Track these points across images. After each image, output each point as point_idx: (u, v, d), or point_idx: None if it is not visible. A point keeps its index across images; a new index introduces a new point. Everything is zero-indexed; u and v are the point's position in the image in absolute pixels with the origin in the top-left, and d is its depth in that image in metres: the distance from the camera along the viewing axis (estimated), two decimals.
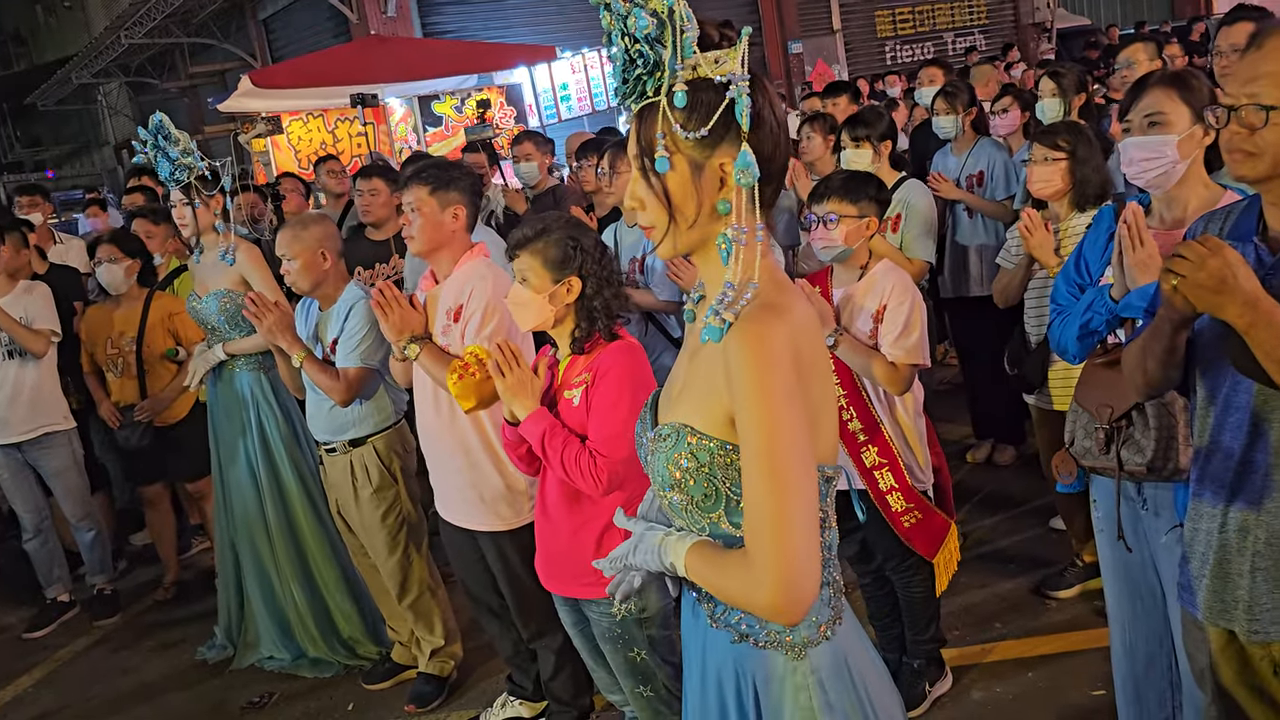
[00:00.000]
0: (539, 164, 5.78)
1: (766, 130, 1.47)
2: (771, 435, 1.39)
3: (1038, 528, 4.45)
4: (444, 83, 11.62)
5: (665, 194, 1.50)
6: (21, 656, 4.77)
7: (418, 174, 3.16)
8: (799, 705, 1.55)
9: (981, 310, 4.84)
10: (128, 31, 16.19)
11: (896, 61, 17.81)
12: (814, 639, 1.56)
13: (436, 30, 13.68)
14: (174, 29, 16.71)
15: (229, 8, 16.35)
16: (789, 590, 1.38)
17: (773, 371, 1.40)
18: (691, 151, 1.48)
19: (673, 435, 1.55)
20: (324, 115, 11.10)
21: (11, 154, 34.88)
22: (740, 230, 1.45)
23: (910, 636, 3.32)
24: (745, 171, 1.42)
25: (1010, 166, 4.88)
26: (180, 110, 19.65)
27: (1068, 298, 2.55)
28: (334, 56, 11.92)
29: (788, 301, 1.48)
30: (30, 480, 4.90)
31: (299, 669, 4.19)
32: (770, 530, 1.39)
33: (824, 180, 3.24)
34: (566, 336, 2.61)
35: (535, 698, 3.54)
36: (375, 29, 12.90)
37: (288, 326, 3.51)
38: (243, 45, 16.88)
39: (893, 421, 3.13)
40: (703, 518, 1.56)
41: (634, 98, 1.50)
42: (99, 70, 19.80)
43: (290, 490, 4.15)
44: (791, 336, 1.43)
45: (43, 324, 4.70)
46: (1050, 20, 18.89)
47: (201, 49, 18.06)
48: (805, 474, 1.41)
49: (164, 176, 3.98)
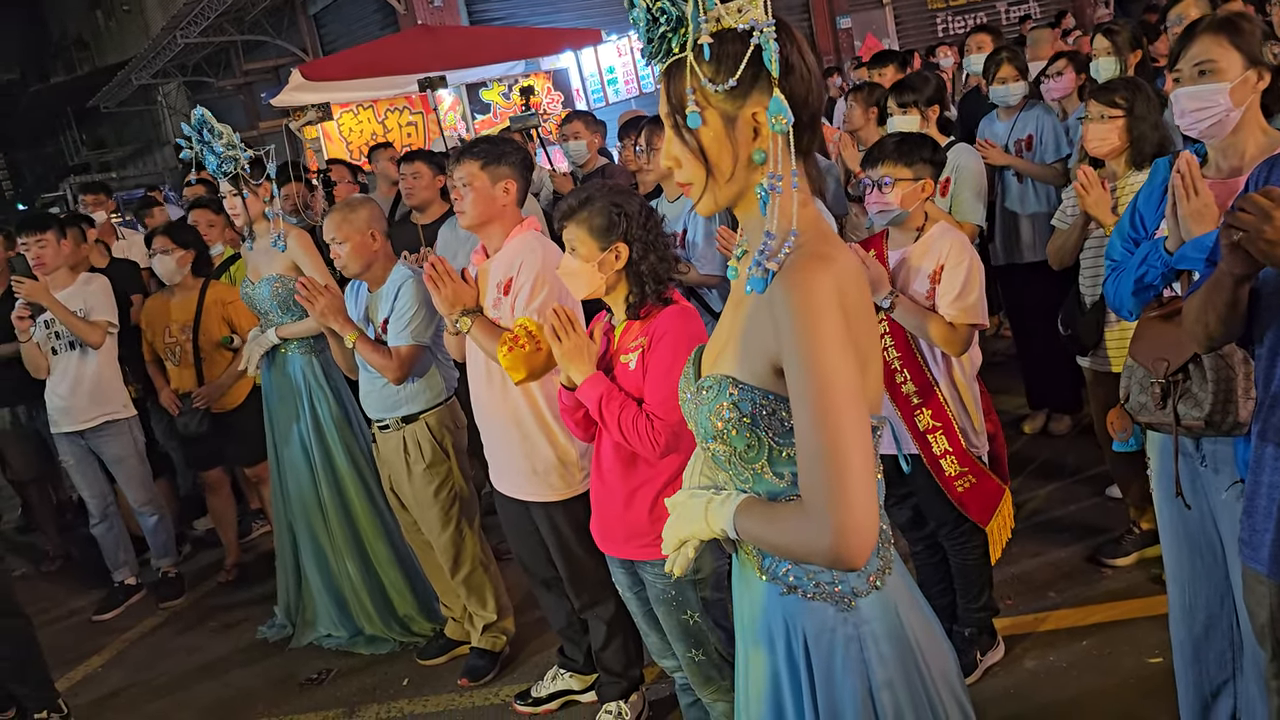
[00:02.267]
0: (588, 143, 5.78)
1: (797, 76, 1.45)
2: (824, 382, 1.38)
3: (1094, 496, 4.37)
4: (492, 70, 11.65)
5: (700, 149, 1.49)
6: (91, 638, 4.90)
7: (469, 149, 3.20)
8: (849, 656, 1.54)
9: (1034, 277, 4.76)
10: (183, 31, 16.46)
11: (949, 34, 17.47)
12: (863, 589, 1.55)
13: (483, 18, 13.71)
14: (228, 27, 16.95)
15: (280, 4, 16.54)
16: (850, 535, 1.37)
17: (822, 319, 1.39)
18: (722, 104, 1.46)
19: (715, 387, 1.54)
20: (374, 106, 11.20)
21: (78, 156, 35.77)
22: (776, 178, 1.44)
23: (962, 604, 3.28)
24: (778, 117, 1.41)
25: (1059, 130, 4.77)
26: (236, 107, 19.97)
27: (1123, 253, 2.48)
28: (382, 47, 12.00)
29: (831, 250, 1.47)
30: (95, 467, 5.03)
31: (355, 646, 4.27)
32: (828, 476, 1.37)
33: (878, 144, 3.20)
34: (621, 303, 2.61)
35: (586, 670, 3.56)
36: (422, 19, 12.96)
37: (339, 309, 3.56)
38: (294, 41, 17.07)
39: (949, 384, 3.09)
40: (745, 469, 1.55)
41: (660, 56, 1.49)
42: (157, 71, 20.16)
43: (343, 471, 4.21)
44: (838, 284, 1.42)
45: (100, 315, 4.81)
46: None
47: (255, 46, 18.29)
48: (859, 419, 1.39)
49: (211, 169, 4.05)
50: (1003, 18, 18.16)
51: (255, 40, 17.46)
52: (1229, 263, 1.71)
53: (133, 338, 5.29)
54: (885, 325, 3.08)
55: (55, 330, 4.80)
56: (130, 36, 25.68)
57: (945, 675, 1.62)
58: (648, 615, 2.83)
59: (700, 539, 1.62)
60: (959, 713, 1.62)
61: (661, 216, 2.66)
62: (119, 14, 27.98)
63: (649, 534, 2.56)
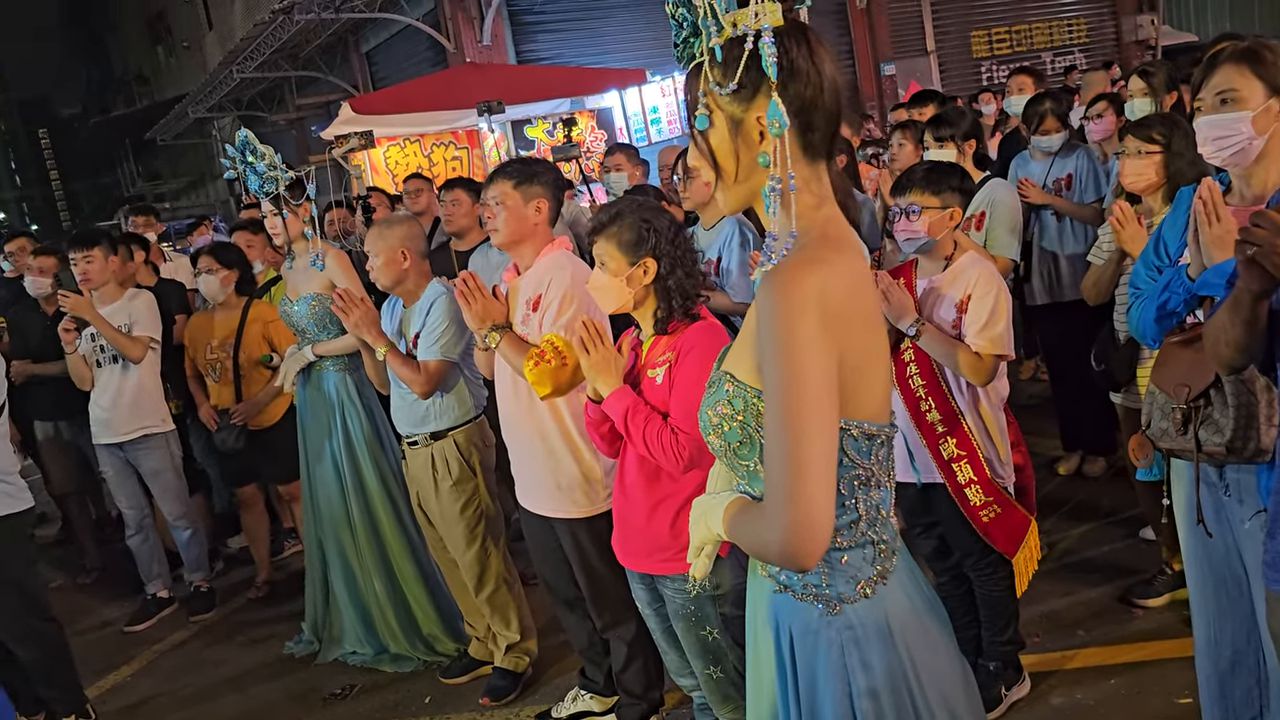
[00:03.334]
0: (629, 175, 5.87)
1: (803, 79, 1.47)
2: (792, 382, 1.39)
3: (1127, 538, 4.31)
4: (537, 107, 11.86)
5: (710, 152, 1.53)
6: (123, 649, 4.97)
7: (502, 168, 3.28)
8: (831, 659, 1.54)
9: (1072, 317, 4.73)
10: (239, 66, 16.93)
11: (993, 83, 17.52)
12: (851, 596, 1.55)
13: (530, 57, 13.97)
14: (282, 63, 17.41)
15: (334, 42, 16.98)
16: (802, 534, 1.37)
17: (797, 319, 1.40)
18: (730, 107, 1.50)
19: (716, 383, 1.58)
20: (420, 140, 11.42)
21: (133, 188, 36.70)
22: (777, 181, 1.47)
23: (987, 637, 3.24)
24: (774, 121, 1.44)
25: (1099, 169, 4.78)
26: (288, 141, 20.41)
27: (1147, 281, 2.48)
28: (430, 84, 12.27)
29: (828, 254, 1.47)
30: (133, 479, 5.12)
31: (380, 664, 4.29)
32: (783, 474, 1.38)
33: (906, 172, 3.23)
34: (649, 318, 2.65)
35: (606, 692, 3.55)
36: (471, 57, 13.23)
37: (373, 321, 3.63)
38: (346, 77, 17.49)
39: (974, 413, 3.08)
40: (740, 465, 1.57)
41: (684, 61, 1.54)
42: (212, 105, 20.72)
43: (372, 489, 4.26)
44: (822, 286, 1.42)
45: (142, 330, 4.92)
46: (1154, 38, 18.38)
47: (308, 82, 18.75)
48: (822, 421, 1.40)
49: (254, 189, 4.17)
50: (1048, 67, 18.17)
51: (308, 76, 17.90)
52: (1245, 279, 1.71)
53: (176, 355, 5.42)
54: (911, 353, 3.09)
55: (100, 344, 4.92)
56: (189, 72, 26.40)
57: (943, 696, 1.58)
58: (667, 632, 2.83)
59: (710, 543, 1.64)
60: None
61: (690, 234, 2.69)
62: (179, 50, 28.81)
63: (670, 548, 2.58)
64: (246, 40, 15.89)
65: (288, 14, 13.74)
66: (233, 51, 16.91)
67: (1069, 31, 18.97)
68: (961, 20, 17.79)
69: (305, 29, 15.17)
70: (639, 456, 2.59)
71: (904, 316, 3.05)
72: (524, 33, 14.06)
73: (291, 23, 14.21)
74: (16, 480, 3.85)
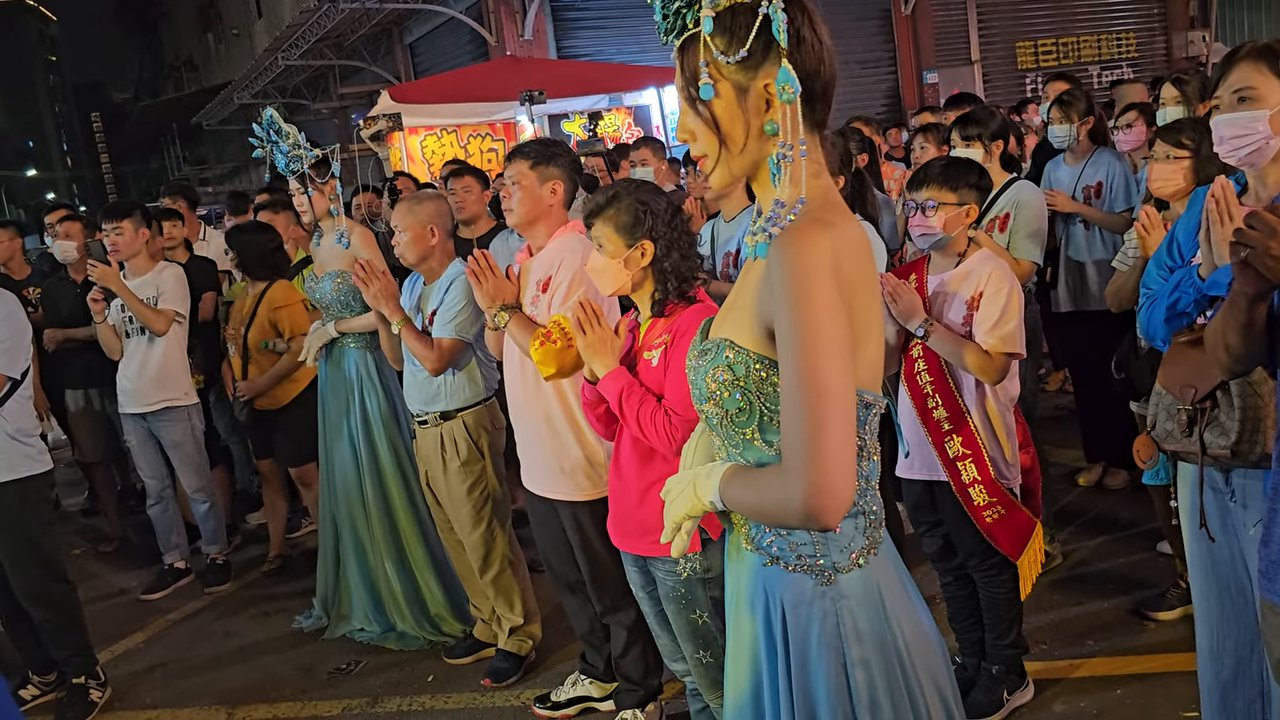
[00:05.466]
0: (655, 169, 5.87)
1: (808, 48, 1.48)
2: (811, 341, 1.39)
3: (1144, 551, 4.25)
4: (575, 102, 11.89)
5: (714, 121, 1.52)
6: (137, 616, 5.04)
7: (519, 149, 3.29)
8: (825, 630, 1.53)
9: (1097, 326, 4.67)
10: (284, 54, 17.12)
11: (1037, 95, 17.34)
12: (845, 565, 1.55)
13: (571, 52, 14.00)
14: (327, 52, 17.58)
15: (378, 32, 17.12)
16: (824, 493, 1.37)
17: (814, 279, 1.40)
18: (734, 75, 1.50)
19: (713, 349, 1.57)
20: (457, 131, 11.49)
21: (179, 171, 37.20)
22: (787, 148, 1.47)
23: (990, 640, 3.21)
24: (786, 87, 1.44)
25: (1130, 178, 4.71)
26: (329, 130, 20.60)
27: (1158, 281, 2.44)
28: (469, 75, 12.34)
29: (835, 218, 1.49)
30: (155, 449, 5.19)
31: (386, 641, 4.32)
32: (806, 433, 1.38)
33: (924, 166, 3.20)
34: (647, 300, 2.65)
35: (606, 678, 3.55)
36: (512, 50, 13.29)
37: (392, 295, 3.66)
38: (389, 68, 17.63)
39: (981, 412, 3.05)
40: (736, 433, 1.56)
41: (675, 33, 1.54)
42: (257, 91, 20.94)
43: (387, 469, 4.29)
44: (834, 249, 1.43)
45: (168, 303, 4.98)
46: (1205, 54, 18.12)
47: (352, 72, 18.93)
48: (843, 381, 1.40)
49: (280, 168, 4.22)
50: (1094, 81, 17.96)
51: (352, 66, 18.07)
52: (1240, 281, 1.69)
53: (202, 331, 5.50)
54: (920, 349, 3.07)
55: (129, 314, 4.99)
56: (237, 60, 26.72)
57: (929, 666, 1.59)
58: (659, 616, 2.83)
59: (693, 515, 1.63)
60: (940, 707, 1.59)
61: (688, 217, 2.69)
62: (228, 37, 29.17)
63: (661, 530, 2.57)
64: (292, 27, 16.07)
65: (333, 2, 13.86)
66: (279, 38, 17.10)
67: (1118, 46, 18.73)
68: (1008, 30, 17.61)
69: (350, 18, 15.31)
70: (633, 438, 2.59)
71: (913, 317, 3.03)
72: (565, 28, 14.10)
73: (337, 11, 14.35)
74: (37, 442, 3.92)
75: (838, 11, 14.67)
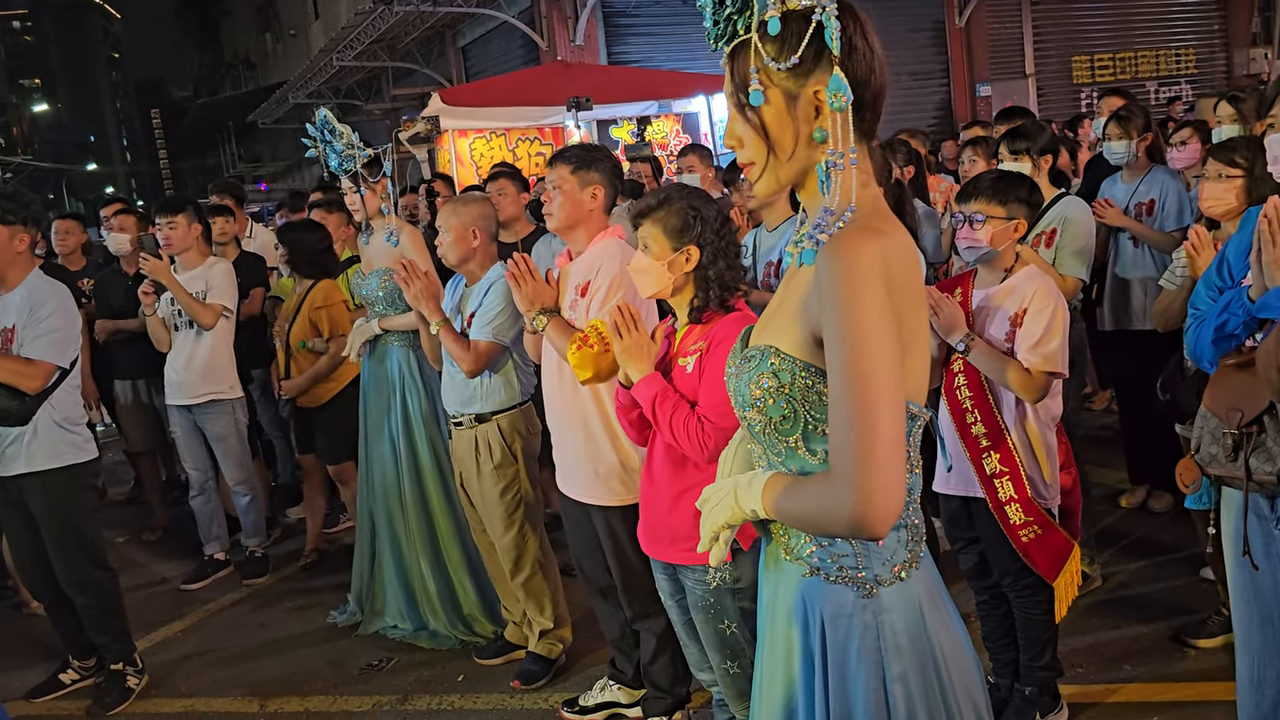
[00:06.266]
0: (701, 176, 5.87)
1: (859, 56, 1.47)
2: (861, 348, 1.38)
3: (1186, 576, 4.16)
4: (624, 108, 11.92)
5: (762, 127, 1.52)
6: (176, 605, 5.12)
7: (561, 153, 3.31)
8: (865, 644, 1.52)
9: (1143, 346, 4.59)
10: (339, 55, 17.34)
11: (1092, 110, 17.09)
12: (886, 578, 1.53)
13: (622, 58, 14.04)
14: (381, 54, 17.77)
15: (432, 35, 17.29)
16: (874, 501, 1.36)
17: (864, 286, 1.39)
18: (785, 82, 1.49)
19: (758, 356, 1.56)
20: (506, 134, 11.56)
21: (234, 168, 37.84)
22: (837, 155, 1.46)
23: (1024, 660, 3.16)
24: (838, 94, 1.43)
25: (1184, 197, 4.63)
26: (381, 130, 20.80)
27: (1207, 301, 2.40)
28: (519, 80, 12.42)
29: (885, 226, 1.48)
30: (199, 441, 5.28)
31: (418, 639, 4.35)
32: (855, 440, 1.37)
33: (974, 179, 3.17)
34: (685, 306, 2.65)
35: (634, 684, 3.55)
36: (563, 55, 13.36)
37: (432, 295, 3.69)
38: (441, 70, 17.80)
39: (1020, 430, 3.01)
40: (779, 441, 1.55)
41: (726, 39, 1.54)
42: (312, 91, 21.22)
43: (426, 467, 4.32)
44: (885, 256, 1.42)
45: (217, 298, 5.06)
46: (1267, 71, 17.76)
47: (405, 74, 19.12)
48: (892, 389, 1.39)
49: (333, 167, 4.27)
50: (1151, 98, 17.68)
51: (405, 68, 18.26)
52: None
53: (250, 326, 5.58)
54: (960, 364, 3.03)
55: (178, 308, 5.08)
56: (293, 60, 27.11)
57: (966, 684, 1.57)
58: (687, 625, 2.82)
59: (732, 524, 1.62)
60: None
61: (735, 228, 2.68)
62: (285, 38, 29.61)
63: (693, 538, 2.54)
64: (348, 29, 16.27)
65: (388, 5, 14.02)
66: (334, 39, 17.32)
67: (1177, 61, 18.42)
68: (1064, 44, 17.39)
69: (404, 20, 15.47)
70: (666, 444, 2.58)
71: (954, 330, 3.00)
72: (616, 34, 14.14)
73: (391, 13, 14.50)
74: (83, 431, 4.00)
75: (891, 22, 14.58)
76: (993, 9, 16.43)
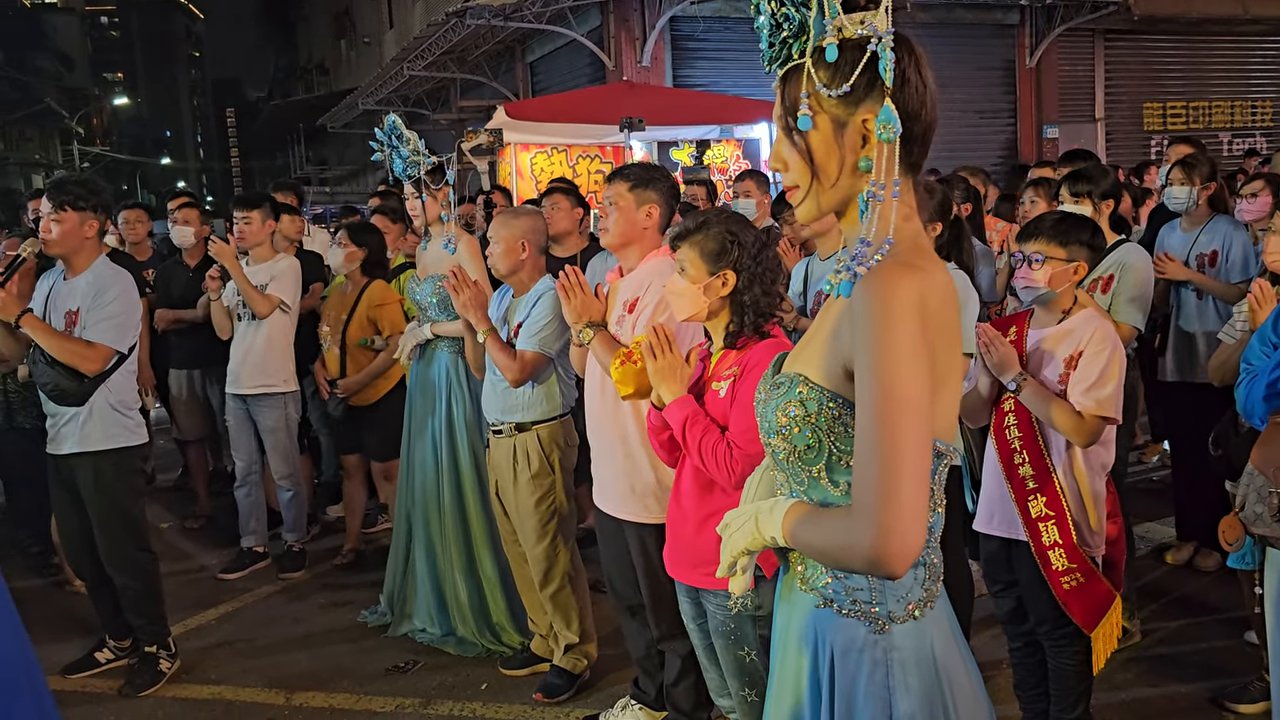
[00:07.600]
0: (757, 202, 5.87)
1: (911, 89, 1.47)
2: (890, 384, 1.37)
3: (1229, 638, 4.06)
4: (686, 131, 11.95)
5: (808, 152, 1.52)
6: (213, 594, 5.20)
7: (620, 171, 3.33)
8: (874, 680, 1.50)
9: (1203, 399, 4.49)
10: (410, 64, 17.61)
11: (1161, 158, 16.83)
12: (900, 615, 1.52)
13: (687, 81, 14.08)
14: (450, 65, 18.00)
15: (501, 50, 17.49)
16: (894, 538, 1.35)
17: (898, 322, 1.39)
18: (834, 109, 1.49)
19: (786, 383, 1.56)
20: (567, 150, 11.65)
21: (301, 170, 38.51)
22: (879, 186, 1.46)
23: (1055, 711, 3.09)
24: (886, 126, 1.43)
25: (1249, 248, 4.54)
26: (446, 140, 21.07)
27: (1260, 357, 2.35)
28: (583, 97, 12.50)
29: (923, 263, 1.47)
30: (250, 432, 5.38)
31: (446, 645, 4.37)
32: (879, 475, 1.36)
33: (1036, 219, 3.14)
34: (721, 330, 2.64)
35: (657, 706, 3.53)
36: (629, 76, 13.44)
37: (481, 304, 3.73)
38: (508, 84, 17.98)
39: (1069, 476, 2.96)
40: (803, 471, 1.55)
41: (779, 62, 1.54)
42: (381, 99, 21.57)
43: (465, 473, 4.35)
44: (921, 294, 1.41)
45: (276, 291, 5.17)
46: None
47: (473, 86, 19.35)
48: (919, 426, 1.37)
49: (398, 172, 4.35)
50: (1224, 149, 17.38)
51: (473, 80, 18.48)
52: None
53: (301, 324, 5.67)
54: (1011, 403, 2.99)
55: (241, 299, 5.19)
56: (365, 67, 27.57)
57: None
58: (708, 649, 2.81)
59: (752, 550, 1.61)
60: None
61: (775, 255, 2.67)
62: (359, 45, 30.16)
63: (716, 562, 2.54)
64: (419, 39, 16.52)
65: (460, 17, 14.22)
66: (406, 48, 17.60)
67: (1253, 113, 18.09)
68: (1136, 90, 17.15)
69: (475, 34, 15.67)
70: (694, 468, 2.58)
71: (1007, 370, 2.96)
72: (683, 57, 14.20)
73: (464, 26, 14.70)
74: (136, 415, 4.09)
75: (962, 59, 14.48)
76: (1065, 51, 16.26)
